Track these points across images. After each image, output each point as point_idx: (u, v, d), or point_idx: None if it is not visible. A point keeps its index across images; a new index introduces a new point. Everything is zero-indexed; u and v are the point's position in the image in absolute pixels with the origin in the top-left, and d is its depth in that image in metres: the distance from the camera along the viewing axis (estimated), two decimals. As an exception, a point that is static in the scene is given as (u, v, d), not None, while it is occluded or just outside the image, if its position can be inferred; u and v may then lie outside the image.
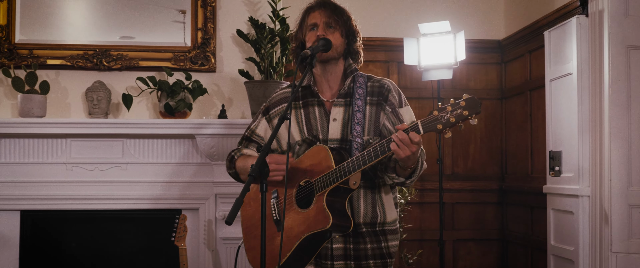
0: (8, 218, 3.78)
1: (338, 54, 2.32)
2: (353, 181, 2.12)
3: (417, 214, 4.74)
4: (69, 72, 3.85)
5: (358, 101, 2.27)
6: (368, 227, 2.27)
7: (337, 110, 2.29)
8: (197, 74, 3.86)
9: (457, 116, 1.90)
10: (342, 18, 2.33)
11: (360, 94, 2.28)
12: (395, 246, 2.34)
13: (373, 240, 2.27)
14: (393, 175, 2.18)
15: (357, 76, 2.35)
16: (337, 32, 2.32)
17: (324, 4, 2.35)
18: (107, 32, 3.92)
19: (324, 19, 2.31)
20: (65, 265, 3.88)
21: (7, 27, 3.83)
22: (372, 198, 2.27)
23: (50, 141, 3.76)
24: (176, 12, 3.94)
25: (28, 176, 3.74)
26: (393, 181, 2.20)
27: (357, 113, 2.24)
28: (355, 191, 2.22)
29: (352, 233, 2.24)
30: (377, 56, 4.79)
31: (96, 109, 3.72)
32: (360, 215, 2.25)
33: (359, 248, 2.26)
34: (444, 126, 1.92)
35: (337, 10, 2.34)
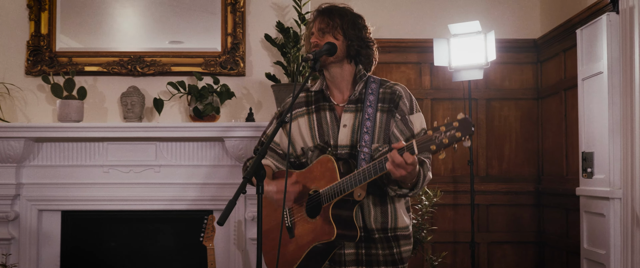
0: (50, 218, 3.97)
1: (336, 57, 2.29)
2: (358, 193, 2.13)
3: (450, 216, 4.70)
4: (105, 78, 4.01)
5: (369, 109, 2.25)
6: (380, 233, 2.27)
7: (348, 116, 2.29)
8: (227, 79, 3.94)
9: (450, 137, 1.86)
10: (335, 21, 2.30)
11: (371, 101, 2.27)
12: (407, 251, 2.33)
13: (385, 246, 2.27)
14: (395, 187, 2.17)
15: (369, 82, 2.33)
16: (329, 35, 2.29)
17: (319, 12, 2.35)
18: (142, 38, 4.05)
19: (317, 25, 2.32)
20: (105, 263, 4.05)
21: (49, 36, 4.02)
22: (382, 204, 2.27)
23: (88, 144, 3.93)
24: (207, 18, 4.03)
25: (68, 178, 3.92)
26: (396, 193, 2.19)
27: (367, 121, 2.23)
28: (366, 200, 2.23)
29: (364, 239, 2.25)
30: (408, 57, 4.78)
31: (130, 113, 3.85)
32: (371, 221, 2.25)
33: (371, 254, 2.26)
34: (438, 147, 1.89)
35: (330, 14, 2.31)
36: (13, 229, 3.89)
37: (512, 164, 4.78)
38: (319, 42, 2.29)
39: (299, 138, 2.35)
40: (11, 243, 3.87)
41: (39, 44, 3.99)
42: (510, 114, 4.79)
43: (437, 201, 3.76)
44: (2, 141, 3.73)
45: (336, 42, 2.29)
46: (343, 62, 2.33)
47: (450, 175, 4.73)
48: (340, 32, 2.31)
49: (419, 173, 2.13)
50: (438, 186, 4.60)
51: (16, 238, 3.88)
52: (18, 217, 3.89)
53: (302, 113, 2.37)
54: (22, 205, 3.91)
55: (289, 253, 2.26)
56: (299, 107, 2.39)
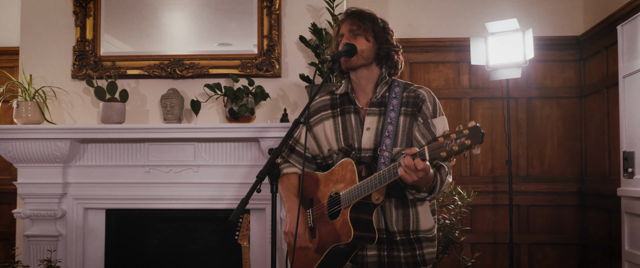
0: (95, 216, 4.13)
1: (366, 59, 2.32)
2: (376, 197, 2.16)
3: (489, 216, 4.64)
4: (146, 81, 4.13)
5: (391, 113, 2.27)
6: (402, 235, 2.27)
7: (371, 119, 2.31)
8: (263, 80, 4.01)
9: (460, 144, 1.87)
10: (366, 23, 2.33)
11: (395, 105, 2.28)
12: (431, 253, 2.33)
13: (407, 249, 2.27)
14: (413, 191, 2.19)
15: (393, 85, 2.34)
16: (361, 37, 2.32)
17: (349, 14, 2.38)
18: (181, 42, 4.16)
19: (348, 27, 2.34)
20: (148, 260, 4.18)
21: (93, 41, 4.17)
22: (404, 209, 2.28)
23: (130, 145, 4.06)
24: (244, 21, 4.11)
25: (111, 177, 4.07)
26: (414, 196, 2.20)
27: (389, 126, 2.25)
28: (387, 201, 2.25)
29: (386, 241, 2.26)
30: (447, 56, 4.74)
31: (170, 115, 3.97)
32: (392, 223, 2.26)
33: (393, 256, 2.27)
34: (448, 154, 1.90)
35: (361, 16, 2.34)
36: (60, 226, 4.06)
37: (554, 164, 4.68)
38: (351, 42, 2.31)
39: (325, 140, 2.39)
40: (59, 240, 4.04)
41: (85, 49, 4.15)
42: (551, 113, 4.70)
43: (471, 202, 3.71)
44: (49, 142, 3.90)
45: (367, 44, 2.32)
46: (371, 64, 2.35)
47: (489, 175, 4.67)
48: (371, 34, 2.34)
49: (435, 177, 2.13)
50: (475, 186, 4.56)
51: (64, 235, 4.05)
52: (65, 215, 4.06)
53: (328, 115, 2.40)
54: (68, 203, 4.08)
55: (311, 254, 2.29)
56: (325, 110, 2.42)
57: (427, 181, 2.08)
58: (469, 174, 4.66)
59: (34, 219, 4.02)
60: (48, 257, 3.93)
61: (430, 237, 2.32)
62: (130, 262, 4.17)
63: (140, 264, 4.17)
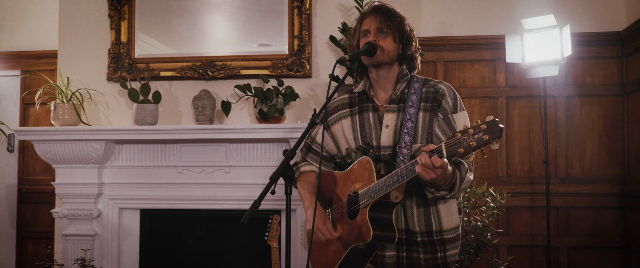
0: (130, 216, 4.20)
1: (390, 59, 2.28)
2: (394, 195, 2.11)
3: (527, 218, 4.52)
4: (179, 82, 4.18)
5: (410, 109, 2.22)
6: (423, 236, 2.22)
7: (390, 116, 2.27)
8: (294, 80, 4.00)
9: (478, 140, 1.82)
10: (395, 22, 2.28)
11: (414, 101, 2.24)
12: (453, 255, 2.27)
13: (427, 250, 2.22)
14: (432, 190, 2.13)
15: (412, 81, 2.30)
16: (389, 37, 2.27)
17: (377, 10, 2.32)
18: (213, 43, 4.18)
19: (375, 24, 2.28)
20: (181, 259, 4.22)
21: (128, 44, 4.24)
22: (426, 207, 2.23)
23: (163, 146, 4.11)
24: (275, 21, 4.11)
25: (145, 178, 4.12)
26: (433, 195, 2.14)
27: (408, 122, 2.20)
28: (408, 199, 2.20)
29: (406, 242, 2.22)
30: (482, 54, 4.64)
31: (201, 116, 4.00)
32: (414, 224, 2.22)
33: (412, 257, 2.22)
34: (466, 150, 1.84)
35: (390, 15, 2.29)
36: (97, 226, 4.14)
37: (594, 164, 4.52)
38: (378, 41, 2.26)
39: (343, 139, 2.36)
40: (95, 239, 4.12)
41: (119, 52, 4.22)
42: (592, 111, 4.54)
43: (507, 203, 3.62)
44: (84, 143, 3.99)
45: (393, 44, 2.28)
46: (394, 64, 2.32)
47: (527, 176, 4.55)
48: (397, 35, 2.29)
49: (454, 175, 2.08)
50: (512, 187, 4.46)
51: (100, 234, 4.13)
52: (101, 215, 4.14)
53: (346, 114, 2.38)
54: (104, 203, 4.16)
55: (331, 254, 2.27)
56: (342, 108, 2.40)
57: (445, 179, 2.03)
58: (505, 175, 4.55)
59: (71, 218, 4.11)
60: (82, 256, 4.01)
61: (453, 237, 2.26)
62: (165, 261, 4.22)
63: (175, 263, 4.22)
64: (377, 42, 2.25)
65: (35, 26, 5.04)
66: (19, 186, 5.04)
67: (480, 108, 4.62)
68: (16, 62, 5.09)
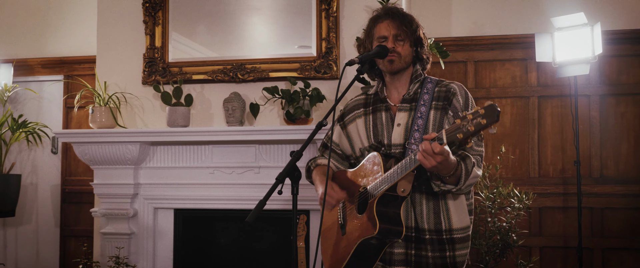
0: (164, 215, 4.33)
1: (407, 63, 2.35)
2: (401, 189, 2.15)
3: (559, 219, 4.45)
4: (211, 85, 4.29)
5: (422, 107, 2.26)
6: (432, 234, 2.24)
7: (402, 115, 2.31)
8: (321, 82, 4.06)
9: (476, 125, 1.84)
10: (411, 28, 2.34)
11: (426, 100, 2.28)
12: (463, 255, 2.29)
13: (436, 249, 2.24)
14: (438, 182, 2.15)
15: (426, 82, 2.35)
16: (407, 43, 2.33)
17: (392, 15, 2.36)
18: (244, 47, 4.28)
19: (393, 31, 2.33)
20: (215, 258, 4.33)
21: (162, 49, 4.38)
22: (435, 204, 2.25)
23: (196, 147, 4.23)
24: (303, 24, 4.18)
25: (178, 178, 4.25)
26: (440, 188, 2.17)
27: (419, 120, 2.24)
28: (418, 195, 2.23)
29: (415, 239, 2.24)
30: (513, 53, 4.60)
31: (231, 118, 4.10)
32: (423, 221, 2.24)
33: (421, 255, 2.25)
34: (465, 135, 1.87)
35: (406, 21, 2.34)
36: (133, 225, 4.29)
37: (630, 164, 4.42)
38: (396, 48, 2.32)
39: (357, 139, 2.42)
40: (131, 237, 4.27)
41: (154, 56, 4.36)
42: (627, 110, 4.44)
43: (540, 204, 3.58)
44: (120, 145, 4.14)
45: (410, 49, 2.35)
46: (409, 67, 2.37)
47: (559, 176, 4.48)
48: (412, 40, 2.35)
49: (458, 166, 2.10)
50: (544, 188, 4.40)
51: (136, 233, 4.28)
52: (137, 214, 4.29)
53: (360, 114, 2.43)
54: (140, 203, 4.30)
55: (341, 250, 2.32)
56: (357, 109, 2.46)
57: (448, 169, 2.06)
58: (537, 175, 4.49)
59: (109, 217, 4.27)
60: (116, 253, 4.16)
61: (463, 236, 2.27)
62: (198, 259, 4.34)
63: (208, 261, 4.33)
64: (395, 49, 2.30)
65: (77, 33, 5.24)
66: (62, 187, 5.25)
67: (512, 108, 4.57)
68: (60, 67, 5.30)
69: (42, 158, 5.34)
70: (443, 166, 2.02)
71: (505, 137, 4.55)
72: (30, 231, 5.34)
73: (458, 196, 2.29)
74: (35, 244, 5.32)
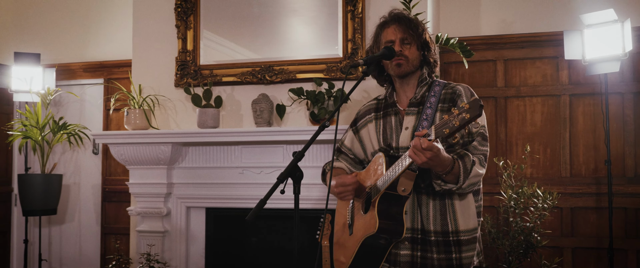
0: (196, 214, 4.46)
1: (414, 67, 2.38)
2: (402, 188, 2.17)
3: (592, 220, 4.37)
4: (240, 87, 4.39)
5: (428, 110, 2.29)
6: (438, 236, 2.26)
7: (409, 119, 2.35)
8: (347, 83, 4.09)
9: (461, 120, 1.88)
10: (417, 32, 2.37)
11: (432, 103, 2.30)
12: (469, 257, 2.29)
13: (441, 250, 2.25)
14: (439, 182, 2.17)
15: (433, 85, 2.38)
16: (413, 46, 2.37)
17: (398, 19, 2.41)
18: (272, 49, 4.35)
19: (399, 35, 2.37)
20: (246, 255, 4.43)
21: (194, 52, 4.50)
22: (441, 205, 2.27)
23: (226, 148, 4.34)
24: (329, 26, 4.23)
25: (209, 178, 4.36)
26: (441, 187, 2.18)
27: (424, 122, 2.27)
28: (425, 199, 2.26)
29: (421, 241, 2.27)
30: (544, 51, 4.54)
31: (260, 118, 4.18)
32: (429, 223, 2.26)
33: (426, 257, 2.26)
34: (451, 130, 1.91)
35: (412, 25, 2.38)
36: (166, 223, 4.43)
37: (666, 164, 4.31)
38: (403, 51, 2.36)
39: (369, 143, 2.46)
40: (165, 235, 4.41)
41: (186, 59, 4.48)
42: (663, 108, 4.33)
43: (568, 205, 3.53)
44: (153, 146, 4.28)
45: (417, 52, 2.38)
46: (418, 70, 2.40)
47: (592, 176, 4.39)
48: (419, 42, 2.39)
49: (455, 164, 2.11)
50: (576, 188, 4.33)
51: (169, 231, 4.42)
52: (170, 213, 4.43)
53: (371, 118, 2.48)
54: (173, 202, 4.44)
55: (348, 248, 2.36)
56: (369, 114, 2.51)
57: (443, 166, 2.09)
58: (569, 174, 4.42)
59: (144, 216, 4.42)
60: (153, 251, 4.30)
61: (470, 238, 2.28)
62: (230, 256, 4.45)
63: (240, 259, 4.43)
64: (402, 52, 2.34)
65: (116, 38, 5.42)
66: (103, 186, 5.45)
67: (543, 107, 4.51)
68: (100, 71, 5.50)
69: (84, 159, 5.55)
70: (435, 162, 2.05)
71: (536, 136, 4.49)
72: (73, 229, 5.56)
73: (465, 197, 2.30)
74: (78, 241, 5.53)
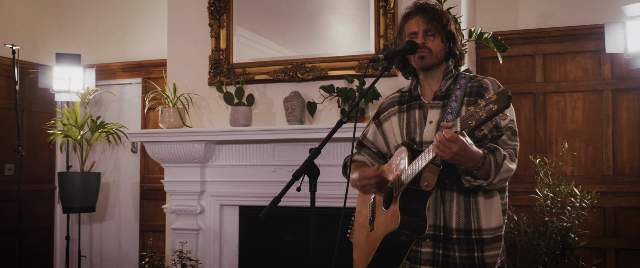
0: (230, 212, 4.48)
1: (438, 59, 2.31)
2: (425, 183, 2.11)
3: (638, 221, 4.19)
4: (273, 85, 4.38)
5: (453, 103, 2.22)
6: (460, 234, 2.19)
7: (434, 112, 2.28)
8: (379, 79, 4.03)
9: (488, 111, 1.80)
10: (441, 23, 2.30)
11: (458, 96, 2.23)
12: (493, 256, 2.21)
13: (463, 249, 2.18)
14: (468, 178, 2.10)
15: (459, 78, 2.31)
16: (438, 38, 2.29)
17: (422, 10, 2.33)
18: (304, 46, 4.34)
19: (423, 26, 2.30)
20: (280, 253, 4.43)
21: (227, 50, 4.52)
22: (466, 202, 2.20)
23: (258, 146, 4.34)
24: (361, 22, 4.18)
25: (242, 176, 4.37)
26: (470, 184, 2.10)
27: (449, 115, 2.20)
28: (448, 195, 2.19)
29: (443, 239, 2.20)
30: (585, 45, 4.37)
31: (291, 116, 4.17)
32: (452, 220, 2.19)
33: (448, 255, 2.20)
34: (477, 122, 1.83)
35: (436, 16, 2.30)
36: (201, 221, 4.46)
37: None
38: (426, 43, 2.29)
39: (392, 137, 2.40)
40: (199, 233, 4.44)
41: (219, 58, 4.51)
42: None
43: (611, 204, 3.39)
44: (186, 144, 4.31)
45: (441, 44, 2.31)
46: (442, 63, 2.34)
47: (636, 174, 4.21)
48: (444, 33, 2.31)
49: (485, 159, 2.04)
50: (620, 187, 4.18)
51: (203, 228, 4.45)
52: (204, 211, 4.46)
53: (395, 112, 2.42)
54: (207, 200, 4.47)
55: (368, 245, 2.32)
56: (392, 106, 2.44)
57: (473, 161, 2.01)
58: (611, 173, 4.24)
59: (178, 213, 4.47)
60: (185, 248, 4.33)
61: (493, 237, 2.20)
62: (263, 254, 4.46)
63: (274, 256, 4.43)
64: (426, 44, 2.28)
65: (154, 38, 5.49)
66: (141, 184, 5.54)
67: (584, 102, 4.36)
68: (138, 71, 5.59)
69: (123, 157, 5.65)
70: (462, 157, 1.97)
71: (576, 133, 4.34)
72: (113, 226, 5.67)
73: (491, 194, 2.22)
74: (118, 238, 5.64)
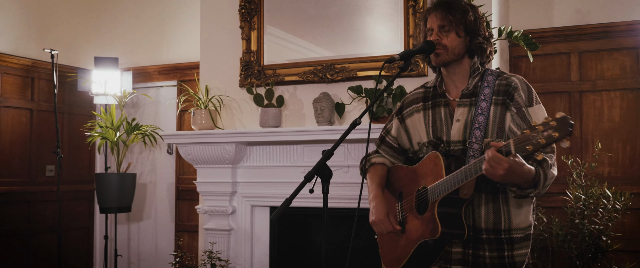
0: (260, 213, 4.51)
1: (456, 55, 2.25)
2: (464, 191, 2.08)
3: (678, 222, 4.05)
4: (303, 86, 4.40)
5: (482, 103, 2.18)
6: (490, 234, 2.17)
7: (461, 111, 2.24)
8: (408, 80, 4.02)
9: (547, 137, 1.75)
10: (456, 16, 2.24)
11: (486, 95, 2.19)
12: (522, 255, 2.18)
13: (493, 249, 2.16)
14: (514, 188, 2.07)
15: (486, 75, 2.25)
16: (452, 33, 2.24)
17: (438, 6, 2.30)
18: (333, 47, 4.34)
19: (437, 22, 2.27)
20: (311, 254, 4.44)
21: (257, 52, 4.56)
22: (495, 202, 2.17)
23: (288, 147, 4.36)
24: (391, 22, 4.16)
25: (273, 177, 4.40)
26: (516, 194, 2.07)
27: (479, 116, 2.16)
28: (477, 197, 2.16)
29: (472, 239, 2.18)
30: (622, 42, 4.25)
31: (320, 117, 4.17)
32: (481, 220, 2.17)
33: (478, 255, 2.18)
34: (534, 147, 1.78)
35: (451, 9, 2.25)
36: (232, 221, 4.51)
37: None
38: (441, 40, 2.27)
39: (416, 133, 2.38)
40: (230, 233, 4.49)
41: (250, 60, 4.54)
42: None
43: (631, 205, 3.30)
44: (218, 145, 4.36)
45: (458, 39, 2.26)
46: (463, 58, 2.29)
47: (675, 175, 4.08)
48: (462, 28, 2.26)
49: (537, 172, 2.00)
50: None
51: (234, 229, 4.50)
52: (235, 211, 4.50)
53: (419, 108, 2.39)
54: (238, 200, 4.51)
55: (400, 248, 2.30)
56: (416, 103, 2.41)
57: (525, 179, 1.97)
58: (649, 174, 4.12)
59: (211, 214, 4.52)
60: (216, 249, 4.39)
61: (522, 236, 2.18)
62: (294, 254, 4.47)
63: (305, 257, 4.45)
64: (440, 41, 2.24)
65: (189, 40, 5.58)
66: (177, 185, 5.63)
67: (621, 101, 4.23)
68: (173, 73, 5.69)
69: (159, 158, 5.76)
70: (511, 178, 1.94)
71: (614, 133, 4.22)
72: (150, 226, 5.78)
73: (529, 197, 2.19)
74: (154, 238, 5.75)
